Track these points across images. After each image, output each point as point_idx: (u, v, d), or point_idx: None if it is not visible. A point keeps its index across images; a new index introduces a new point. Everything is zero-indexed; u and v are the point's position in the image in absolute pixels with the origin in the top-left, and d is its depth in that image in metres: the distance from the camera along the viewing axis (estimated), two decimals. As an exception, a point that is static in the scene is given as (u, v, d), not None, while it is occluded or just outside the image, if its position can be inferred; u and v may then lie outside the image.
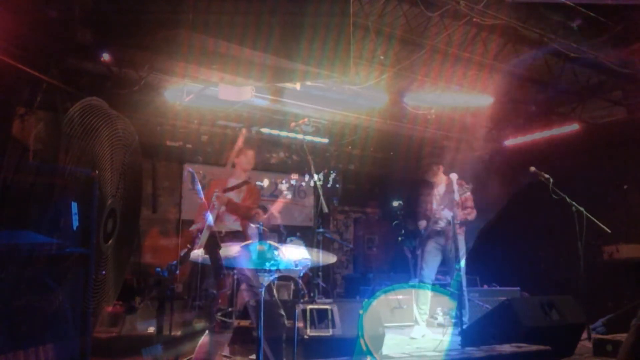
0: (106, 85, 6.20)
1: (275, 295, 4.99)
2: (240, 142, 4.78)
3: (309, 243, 4.78)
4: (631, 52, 6.53)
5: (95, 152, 2.53)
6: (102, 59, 5.42)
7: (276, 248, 3.14)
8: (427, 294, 5.91)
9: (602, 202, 6.59)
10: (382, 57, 6.44)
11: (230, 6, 3.43)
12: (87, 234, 2.41)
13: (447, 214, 5.84)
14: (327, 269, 8.10)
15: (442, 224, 5.94)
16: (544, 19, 5.92)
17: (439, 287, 6.87)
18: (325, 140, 8.97)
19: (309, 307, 3.98)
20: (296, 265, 3.91)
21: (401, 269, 8.42)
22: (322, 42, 3.87)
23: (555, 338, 4.04)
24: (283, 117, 8.05)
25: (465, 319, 5.52)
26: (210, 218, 4.24)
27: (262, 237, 3.75)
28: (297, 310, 3.76)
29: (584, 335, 4.84)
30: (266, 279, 3.06)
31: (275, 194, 7.14)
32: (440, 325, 6.59)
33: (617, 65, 6.67)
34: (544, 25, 6.03)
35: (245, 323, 4.05)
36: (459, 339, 4.52)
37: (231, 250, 3.42)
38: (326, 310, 3.96)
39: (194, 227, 4.53)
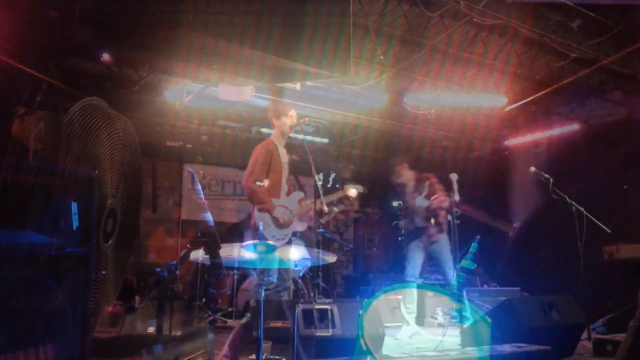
0: (106, 85, 6.20)
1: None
2: None
3: (309, 243, 4.77)
4: (631, 52, 6.52)
5: (95, 152, 2.53)
6: (102, 59, 5.41)
7: (275, 248, 3.15)
8: (412, 292, 5.91)
9: (602, 202, 6.59)
10: (382, 57, 6.44)
11: (230, 6, 3.43)
12: (87, 234, 2.42)
13: (419, 206, 5.89)
14: (327, 269, 8.11)
15: (419, 222, 5.95)
16: (544, 19, 5.92)
17: (439, 287, 6.88)
18: (325, 140, 8.96)
19: (309, 307, 3.96)
20: (296, 265, 3.92)
21: (401, 269, 8.39)
22: (322, 42, 3.87)
23: (555, 338, 4.04)
24: (283, 117, 8.05)
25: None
26: (210, 218, 4.24)
27: None
28: (297, 310, 3.75)
29: (584, 335, 4.84)
30: (266, 279, 3.07)
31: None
32: (440, 325, 6.58)
33: (617, 65, 6.67)
34: (544, 25, 6.02)
35: (285, 324, 4.00)
36: (458, 339, 4.53)
37: (231, 250, 3.43)
38: (326, 310, 3.95)
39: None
